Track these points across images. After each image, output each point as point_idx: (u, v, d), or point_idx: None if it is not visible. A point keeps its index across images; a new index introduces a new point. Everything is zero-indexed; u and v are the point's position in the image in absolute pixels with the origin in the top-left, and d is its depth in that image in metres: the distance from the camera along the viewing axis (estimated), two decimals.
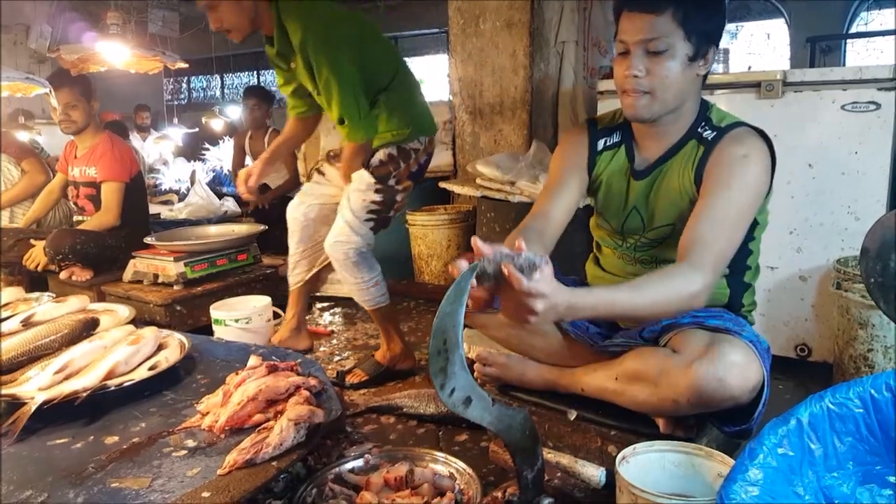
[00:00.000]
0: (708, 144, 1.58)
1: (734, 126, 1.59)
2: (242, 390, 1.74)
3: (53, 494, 1.41)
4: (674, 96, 1.55)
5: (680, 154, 1.63)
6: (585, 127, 1.79)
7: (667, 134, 1.64)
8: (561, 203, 1.70)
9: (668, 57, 1.50)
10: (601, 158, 1.75)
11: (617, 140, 1.74)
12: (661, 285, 1.38)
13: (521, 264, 1.22)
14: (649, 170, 1.68)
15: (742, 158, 1.51)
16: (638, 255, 1.75)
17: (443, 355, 1.21)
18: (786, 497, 1.10)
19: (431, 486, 1.59)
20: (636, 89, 1.54)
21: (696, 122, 1.63)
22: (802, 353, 2.51)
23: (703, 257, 1.42)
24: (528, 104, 3.91)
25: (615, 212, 1.75)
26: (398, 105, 2.36)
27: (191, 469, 1.49)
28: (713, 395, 1.41)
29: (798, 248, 2.45)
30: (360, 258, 2.39)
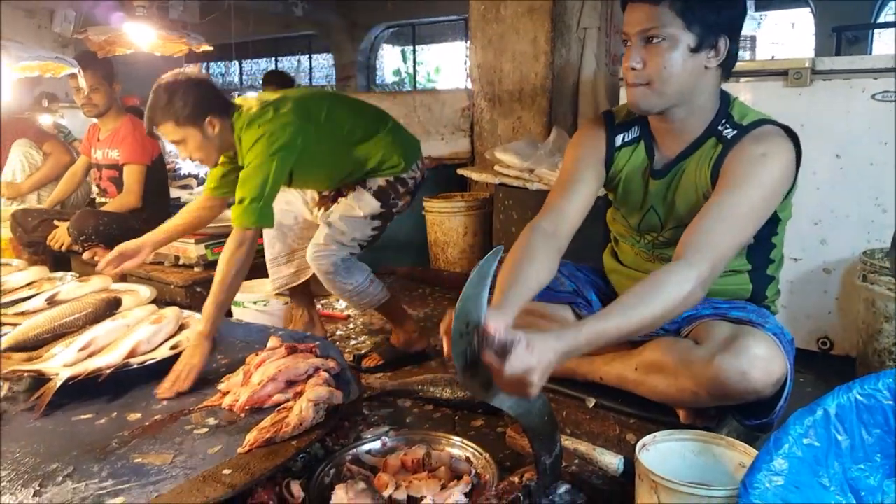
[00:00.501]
0: (727, 143, 1.52)
1: (757, 124, 1.53)
2: (262, 371, 1.75)
3: (79, 467, 1.44)
4: (675, 89, 1.49)
5: (698, 152, 1.57)
6: (602, 120, 1.73)
7: (683, 130, 1.58)
8: (575, 199, 1.63)
9: (666, 48, 1.45)
10: (619, 155, 1.69)
11: (636, 136, 1.68)
12: (653, 298, 1.30)
13: (496, 349, 1.18)
14: (667, 168, 1.62)
15: (760, 157, 1.45)
16: (656, 253, 1.72)
17: (465, 338, 1.21)
18: (811, 488, 1.09)
19: (448, 470, 1.59)
20: (635, 81, 1.49)
21: (717, 118, 1.56)
22: (824, 347, 2.48)
23: (700, 254, 1.35)
24: (549, 91, 3.88)
25: (633, 210, 1.71)
26: (386, 147, 2.37)
27: (212, 446, 1.52)
28: (735, 389, 1.40)
29: (823, 239, 2.42)
30: (350, 264, 2.34)
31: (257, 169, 2.06)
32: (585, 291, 1.84)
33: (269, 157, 2.07)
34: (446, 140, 4.31)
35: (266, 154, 2.07)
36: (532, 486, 1.45)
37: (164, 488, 1.34)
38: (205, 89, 2.12)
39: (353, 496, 1.41)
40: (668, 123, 1.59)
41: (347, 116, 2.35)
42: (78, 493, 1.34)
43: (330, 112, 2.30)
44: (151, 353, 1.93)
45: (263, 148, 2.07)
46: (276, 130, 2.10)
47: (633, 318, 1.28)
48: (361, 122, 2.37)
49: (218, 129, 2.14)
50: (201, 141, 2.13)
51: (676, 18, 1.44)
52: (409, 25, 12.48)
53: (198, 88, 2.10)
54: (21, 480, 1.40)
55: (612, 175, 1.71)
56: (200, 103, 2.08)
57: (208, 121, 2.11)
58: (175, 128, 2.08)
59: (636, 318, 1.29)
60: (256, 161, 2.07)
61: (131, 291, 2.39)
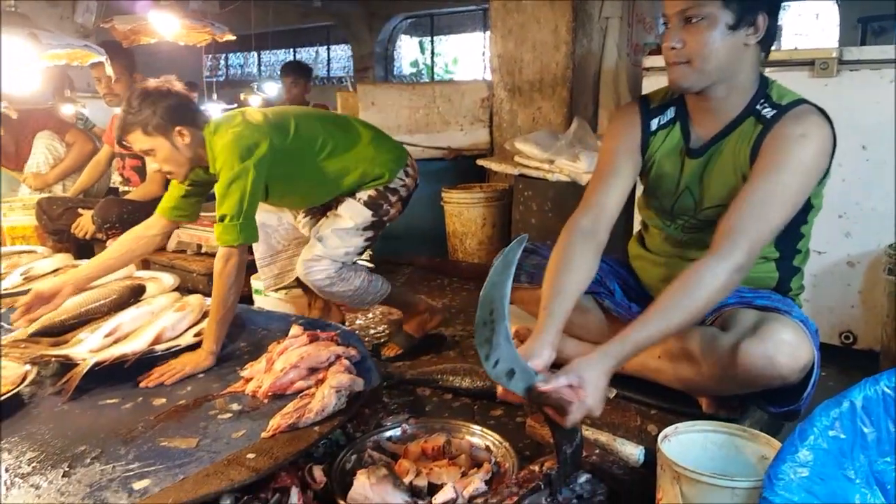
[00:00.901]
0: (767, 122, 1.52)
1: (796, 104, 1.53)
2: (285, 358, 1.77)
3: (106, 450, 1.46)
4: (715, 66, 1.49)
5: (737, 132, 1.57)
6: (637, 106, 1.73)
7: (722, 109, 1.58)
8: (614, 193, 1.65)
9: (705, 26, 1.46)
10: (655, 138, 1.69)
11: (671, 117, 1.68)
12: (690, 298, 1.35)
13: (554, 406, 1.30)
14: (705, 148, 1.62)
15: (799, 138, 1.46)
16: (684, 238, 1.71)
17: (488, 326, 1.21)
18: (836, 480, 1.09)
19: (468, 457, 1.60)
20: (676, 60, 1.51)
21: (755, 98, 1.56)
22: (847, 341, 2.46)
23: (732, 244, 1.37)
24: (569, 81, 3.85)
25: (666, 192, 1.71)
26: (366, 160, 2.30)
27: (236, 431, 1.53)
28: (761, 374, 1.39)
29: (847, 232, 2.39)
30: (344, 272, 2.27)
31: (233, 183, 1.99)
32: (608, 281, 1.84)
33: (243, 166, 2.00)
34: (465, 131, 4.31)
35: (237, 159, 2.00)
36: (552, 475, 1.46)
37: (190, 471, 1.36)
38: (177, 100, 2.07)
39: (374, 482, 1.42)
40: (706, 102, 1.58)
41: (318, 130, 2.27)
42: (106, 475, 1.36)
43: (298, 126, 2.22)
44: (176, 340, 1.96)
45: (234, 151, 2.01)
46: (245, 132, 2.05)
47: (674, 320, 1.35)
48: (333, 136, 2.28)
49: (188, 140, 2.07)
50: (170, 152, 2.06)
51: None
52: (427, 16, 12.46)
53: (168, 98, 2.05)
54: (50, 461, 1.43)
55: (647, 158, 1.71)
56: (170, 113, 2.03)
57: (178, 131, 2.04)
58: (143, 136, 2.03)
59: (676, 320, 1.35)
60: (230, 172, 2.00)
61: (154, 279, 2.43)
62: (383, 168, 2.32)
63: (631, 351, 1.33)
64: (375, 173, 2.31)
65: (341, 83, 13.00)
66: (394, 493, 1.42)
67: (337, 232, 2.26)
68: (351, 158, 2.28)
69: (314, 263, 2.22)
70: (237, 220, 1.98)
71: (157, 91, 2.05)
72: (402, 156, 2.42)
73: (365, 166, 2.29)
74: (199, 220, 3.19)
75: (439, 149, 4.25)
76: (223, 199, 2.00)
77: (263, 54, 15.40)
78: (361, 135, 2.35)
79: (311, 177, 2.26)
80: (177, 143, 2.06)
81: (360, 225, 2.29)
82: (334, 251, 2.24)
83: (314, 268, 2.22)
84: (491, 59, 4.22)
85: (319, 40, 14.42)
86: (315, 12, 11.85)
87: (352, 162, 2.28)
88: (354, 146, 2.31)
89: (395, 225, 2.47)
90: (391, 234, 3.54)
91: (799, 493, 1.07)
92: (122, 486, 1.32)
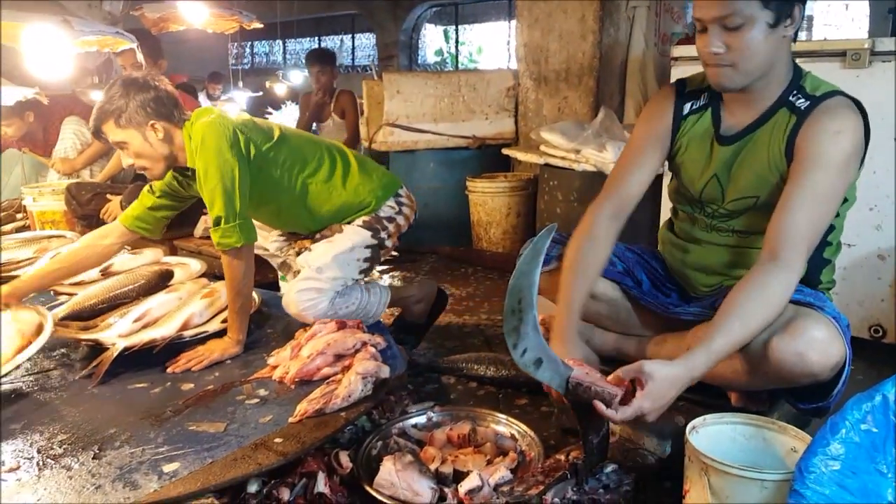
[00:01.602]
0: (800, 114, 1.50)
1: (829, 95, 1.51)
2: (312, 345, 1.79)
3: (136, 433, 1.49)
4: (759, 65, 1.48)
5: (770, 122, 1.55)
6: (674, 89, 1.72)
7: (757, 100, 1.56)
8: (638, 178, 1.68)
9: (747, 29, 1.43)
10: (686, 122, 1.68)
11: (704, 103, 1.67)
12: (764, 307, 1.37)
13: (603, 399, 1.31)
14: (738, 136, 1.60)
15: (835, 135, 1.44)
16: (714, 223, 1.69)
17: (517, 315, 1.21)
18: (868, 474, 1.07)
19: (494, 446, 1.61)
20: (719, 63, 1.48)
21: (789, 88, 1.54)
22: (876, 335, 2.42)
23: (793, 251, 1.40)
24: (596, 71, 3.82)
25: (693, 177, 1.69)
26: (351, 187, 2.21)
27: (263, 416, 1.55)
28: (792, 371, 1.38)
29: (878, 225, 2.35)
30: (338, 297, 2.12)
31: (218, 182, 1.92)
32: (636, 271, 1.82)
33: (225, 161, 1.92)
34: (490, 120, 4.29)
35: (216, 151, 1.93)
36: (579, 465, 1.46)
37: (219, 455, 1.38)
38: (155, 94, 1.99)
39: (400, 468, 1.43)
40: (743, 94, 1.56)
41: (307, 147, 2.19)
42: (136, 458, 1.38)
43: (285, 137, 2.15)
44: (204, 326, 1.98)
45: (213, 138, 1.94)
46: (221, 120, 1.99)
47: (751, 328, 1.37)
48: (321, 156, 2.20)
49: (161, 135, 1.99)
50: (142, 145, 1.99)
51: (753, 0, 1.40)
52: (451, 5, 12.39)
53: (147, 91, 1.98)
54: (81, 444, 1.45)
55: (676, 140, 1.71)
56: (145, 106, 1.96)
57: (151, 125, 1.98)
58: (115, 128, 1.97)
59: (753, 328, 1.37)
60: (213, 168, 1.93)
61: (182, 265, 2.45)
62: (370, 196, 2.22)
63: (714, 361, 1.34)
64: (361, 201, 2.22)
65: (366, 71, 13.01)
66: (420, 480, 1.43)
67: (337, 259, 2.12)
68: (337, 183, 2.19)
69: (307, 299, 2.05)
70: (233, 221, 1.92)
71: (136, 83, 2.00)
72: (392, 184, 2.32)
73: (348, 196, 2.20)
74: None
75: (464, 138, 4.24)
76: (213, 201, 1.94)
77: (288, 42, 15.45)
78: (350, 162, 2.25)
79: (293, 192, 2.15)
80: (149, 137, 1.99)
81: (358, 244, 2.16)
82: (332, 283, 2.09)
83: (309, 303, 2.05)
84: (517, 48, 4.20)
85: (344, 29, 14.43)
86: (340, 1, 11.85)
87: (336, 188, 2.19)
88: (343, 171, 2.21)
89: (420, 214, 2.43)
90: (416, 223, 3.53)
91: (830, 487, 1.06)
92: (151, 468, 1.34)
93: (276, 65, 15.28)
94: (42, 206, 3.58)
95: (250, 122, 2.10)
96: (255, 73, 14.80)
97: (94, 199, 3.50)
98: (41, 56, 2.30)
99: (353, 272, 2.16)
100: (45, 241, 2.81)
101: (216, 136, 1.94)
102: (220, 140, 1.94)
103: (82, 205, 3.51)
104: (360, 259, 2.18)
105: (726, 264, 1.67)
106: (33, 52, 2.62)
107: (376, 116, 4.42)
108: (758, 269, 1.42)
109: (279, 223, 2.33)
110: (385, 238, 2.23)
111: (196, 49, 11.85)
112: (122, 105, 1.95)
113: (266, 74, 12.75)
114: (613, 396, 1.30)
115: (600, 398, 1.30)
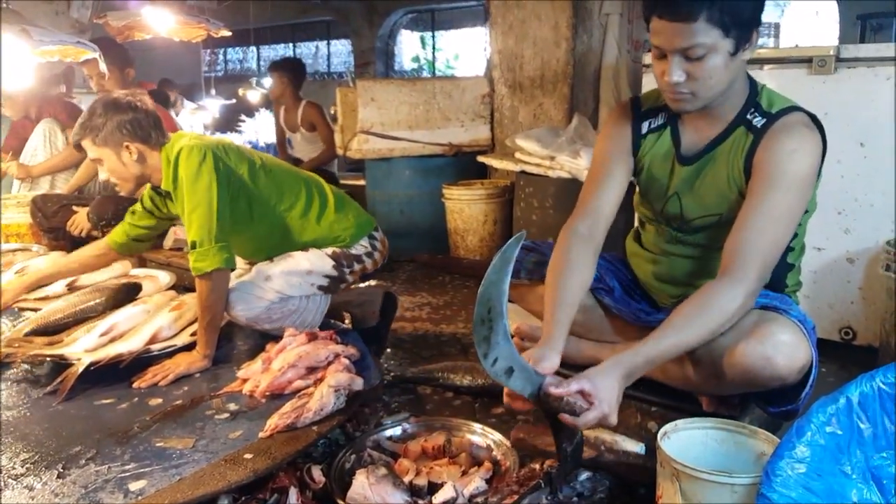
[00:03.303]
0: (757, 132, 1.51)
1: (785, 112, 1.51)
2: (283, 357, 1.77)
3: (102, 451, 1.45)
4: (719, 90, 1.48)
5: (729, 141, 1.56)
6: (629, 108, 1.72)
7: (715, 119, 1.57)
8: (608, 196, 1.65)
9: (708, 59, 1.42)
10: (645, 141, 1.68)
11: (662, 122, 1.67)
12: (703, 319, 1.38)
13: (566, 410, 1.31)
14: (698, 156, 1.61)
15: (791, 154, 1.44)
16: (679, 237, 1.70)
17: (486, 324, 1.21)
18: (833, 476, 1.08)
19: (469, 456, 1.60)
20: (678, 91, 1.47)
21: (746, 106, 1.55)
22: (847, 337, 2.45)
23: (745, 267, 1.39)
24: (570, 77, 3.84)
25: (655, 196, 1.70)
26: (327, 222, 2.23)
27: (233, 431, 1.53)
28: (760, 375, 1.39)
29: (846, 229, 2.38)
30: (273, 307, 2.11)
31: (197, 205, 1.93)
32: (607, 278, 1.83)
33: (204, 182, 1.94)
34: (466, 127, 4.29)
35: (195, 174, 1.94)
36: (553, 473, 1.45)
37: (187, 471, 1.35)
38: (134, 115, 2.01)
39: (374, 481, 1.41)
40: (701, 113, 1.57)
41: (287, 179, 2.21)
42: (101, 476, 1.35)
43: (265, 166, 2.17)
44: (172, 340, 1.94)
45: (193, 162, 1.96)
46: (201, 145, 2.00)
47: (688, 339, 1.38)
48: (299, 189, 2.21)
49: (135, 156, 2.02)
50: (115, 165, 2.03)
51: (714, 29, 1.39)
52: (428, 11, 12.43)
53: (126, 113, 2.00)
54: (45, 462, 1.41)
55: (638, 160, 1.71)
56: (121, 127, 1.99)
57: (125, 146, 2.00)
58: (92, 145, 2.01)
59: (690, 338, 1.38)
60: (192, 189, 1.94)
61: (151, 277, 2.42)
62: (344, 234, 2.24)
63: (643, 364, 1.35)
64: (336, 237, 2.23)
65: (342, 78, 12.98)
66: (393, 493, 1.41)
67: (288, 275, 2.11)
68: (311, 218, 2.20)
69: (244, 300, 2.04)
70: (209, 245, 1.91)
71: (117, 103, 2.02)
72: (367, 224, 2.33)
73: (322, 231, 2.21)
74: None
75: (440, 145, 4.23)
76: (190, 224, 1.94)
77: (263, 49, 15.37)
78: (328, 198, 2.26)
79: (267, 223, 2.16)
80: (123, 157, 2.02)
81: (317, 270, 2.16)
82: (274, 294, 2.08)
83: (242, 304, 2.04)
84: (491, 55, 4.20)
85: (320, 35, 14.39)
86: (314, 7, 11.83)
87: (311, 223, 2.20)
88: (319, 207, 2.22)
89: (397, 222, 2.43)
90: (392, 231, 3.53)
91: (796, 489, 1.06)
92: (117, 486, 1.31)
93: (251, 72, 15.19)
94: (7, 219, 3.49)
95: (232, 148, 2.11)
96: (229, 79, 14.70)
97: (61, 211, 3.42)
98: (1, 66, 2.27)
99: (298, 293, 2.13)
100: (9, 255, 2.75)
101: (196, 161, 1.97)
102: (199, 164, 1.96)
103: (48, 217, 3.44)
104: (314, 285, 2.16)
105: (692, 275, 1.68)
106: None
107: (351, 124, 4.39)
108: (709, 282, 1.44)
109: (248, 252, 2.30)
110: (346, 274, 2.24)
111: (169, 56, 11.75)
112: (99, 124, 1.99)
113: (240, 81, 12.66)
114: (583, 409, 1.30)
115: (569, 408, 1.30)
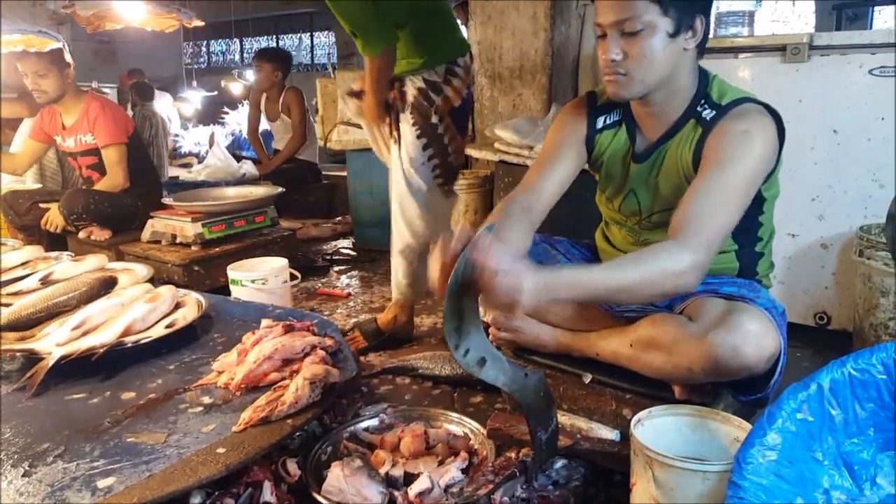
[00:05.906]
0: (706, 125, 1.50)
1: (737, 103, 1.50)
2: (258, 349, 1.75)
3: (70, 447, 1.43)
4: (656, 76, 1.47)
5: (679, 135, 1.56)
6: (585, 102, 1.71)
7: (664, 113, 1.56)
8: (552, 178, 1.64)
9: (644, 36, 1.41)
10: (601, 137, 1.68)
11: (617, 119, 1.67)
12: (644, 263, 1.31)
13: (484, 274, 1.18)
14: (649, 152, 1.61)
15: (741, 134, 1.43)
16: (642, 237, 1.71)
17: (457, 315, 1.20)
18: (804, 462, 1.09)
19: (446, 446, 1.60)
20: (616, 71, 1.46)
21: (696, 99, 1.54)
22: (821, 322, 2.48)
23: (693, 235, 1.34)
24: (549, 68, 3.83)
25: (613, 193, 1.71)
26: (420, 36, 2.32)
27: (206, 425, 1.51)
28: (728, 365, 1.39)
29: (820, 215, 2.40)
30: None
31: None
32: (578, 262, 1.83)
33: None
34: None
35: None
36: (528, 462, 1.46)
37: (157, 468, 1.33)
38: None
39: (349, 473, 1.41)
40: (648, 107, 1.57)
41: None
42: (69, 473, 1.33)
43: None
44: (146, 332, 1.91)
45: None
46: None
47: (617, 277, 1.29)
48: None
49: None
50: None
51: (652, 5, 1.40)
52: None
53: None
54: (11, 461, 1.38)
55: (595, 157, 1.71)
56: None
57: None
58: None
59: (619, 278, 1.29)
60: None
61: (128, 270, 2.38)
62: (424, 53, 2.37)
63: (567, 282, 1.25)
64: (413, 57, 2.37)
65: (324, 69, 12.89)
66: (369, 485, 1.41)
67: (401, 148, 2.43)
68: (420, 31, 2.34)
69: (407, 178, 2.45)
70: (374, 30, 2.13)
71: None
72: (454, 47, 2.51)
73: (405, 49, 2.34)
74: (172, 210, 3.18)
75: None
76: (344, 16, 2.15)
77: (245, 41, 15.23)
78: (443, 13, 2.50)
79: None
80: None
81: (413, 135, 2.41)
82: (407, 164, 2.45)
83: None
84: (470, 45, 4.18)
85: (302, 27, 14.28)
86: None
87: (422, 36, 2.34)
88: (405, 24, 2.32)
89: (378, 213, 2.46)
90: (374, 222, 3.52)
91: (767, 476, 1.07)
92: (85, 484, 1.29)
93: (234, 64, 15.04)
94: None
95: None
96: (212, 71, 14.56)
97: (32, 208, 3.38)
98: None
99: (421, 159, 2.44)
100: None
101: None
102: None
103: (20, 215, 3.39)
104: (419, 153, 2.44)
105: None
106: None
107: (331, 115, 4.37)
108: (655, 243, 1.39)
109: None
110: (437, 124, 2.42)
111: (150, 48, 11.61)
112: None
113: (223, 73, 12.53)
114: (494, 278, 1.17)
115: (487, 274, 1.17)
